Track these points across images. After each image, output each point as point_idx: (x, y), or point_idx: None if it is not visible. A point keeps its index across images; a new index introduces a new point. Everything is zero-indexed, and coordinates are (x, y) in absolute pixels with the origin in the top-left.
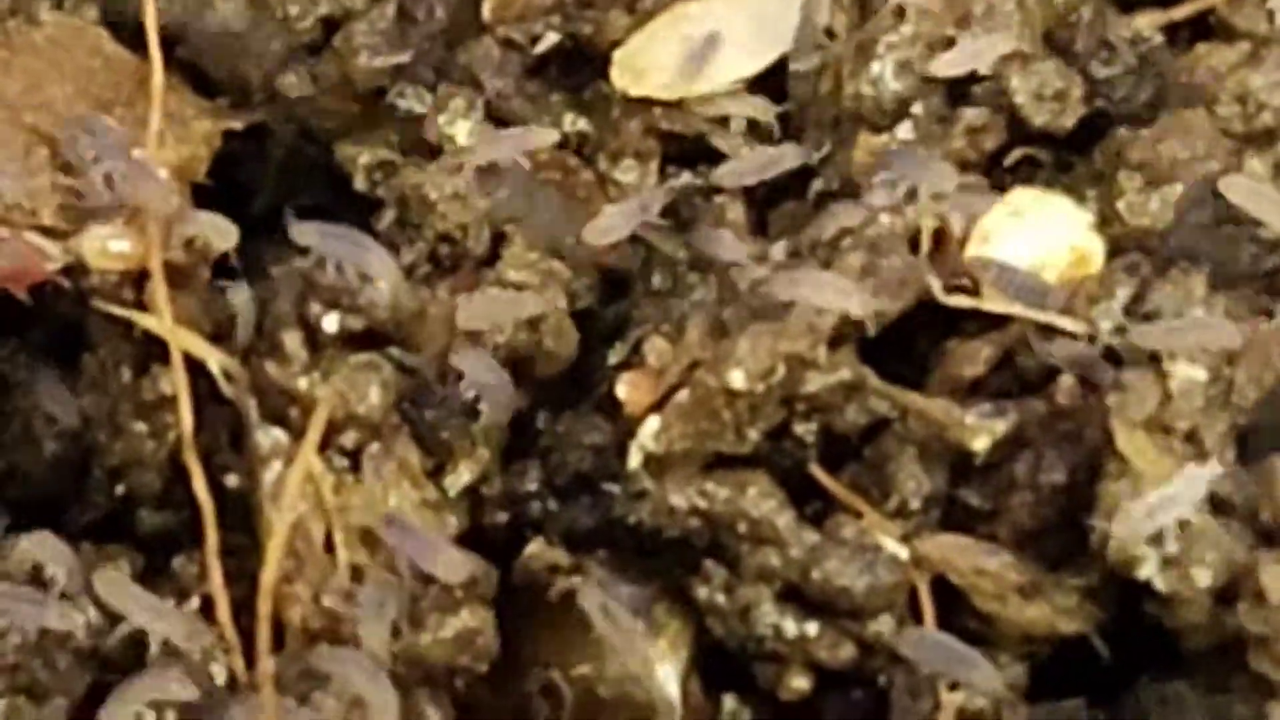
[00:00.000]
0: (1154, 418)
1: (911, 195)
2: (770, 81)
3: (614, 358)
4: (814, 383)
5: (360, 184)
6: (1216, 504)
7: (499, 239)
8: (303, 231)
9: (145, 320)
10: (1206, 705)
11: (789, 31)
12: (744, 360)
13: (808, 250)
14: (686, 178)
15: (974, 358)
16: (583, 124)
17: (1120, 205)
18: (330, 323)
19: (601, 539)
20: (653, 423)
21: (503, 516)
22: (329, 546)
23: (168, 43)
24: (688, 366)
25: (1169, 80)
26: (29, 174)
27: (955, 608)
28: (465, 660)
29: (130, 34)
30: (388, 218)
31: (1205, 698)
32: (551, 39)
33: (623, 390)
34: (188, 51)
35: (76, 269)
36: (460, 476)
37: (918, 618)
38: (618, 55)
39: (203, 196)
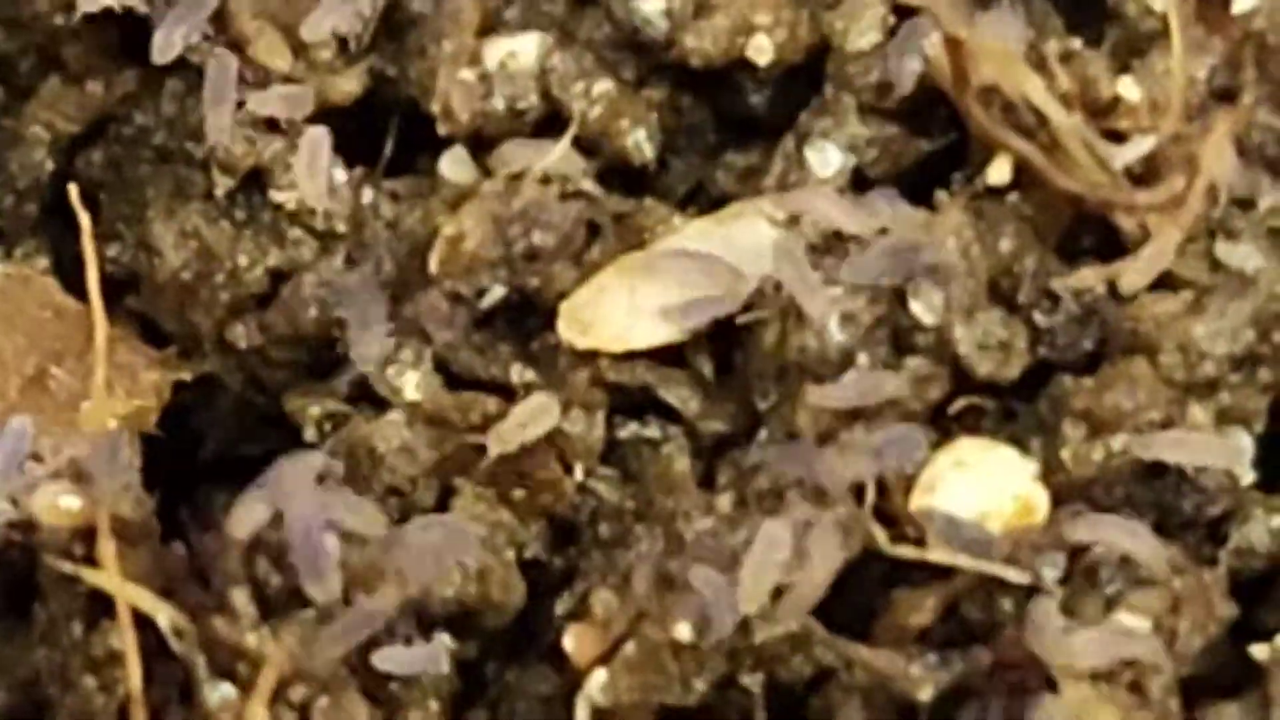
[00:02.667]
0: (1099, 669)
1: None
2: (716, 332)
3: (561, 608)
4: (760, 634)
5: (310, 435)
6: None
7: (448, 490)
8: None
9: (94, 576)
10: None
11: (734, 284)
12: (690, 612)
13: (754, 501)
14: (633, 428)
15: (920, 607)
16: (530, 375)
17: (1064, 454)
18: (279, 579)
19: None
20: (600, 675)
21: None
22: None
23: (118, 292)
24: (634, 618)
25: (1112, 329)
26: None
27: None
28: None
29: (81, 283)
30: (337, 469)
31: None
32: (498, 292)
33: (570, 642)
34: (138, 301)
35: (26, 523)
36: None
37: None
38: (564, 307)
39: (152, 446)
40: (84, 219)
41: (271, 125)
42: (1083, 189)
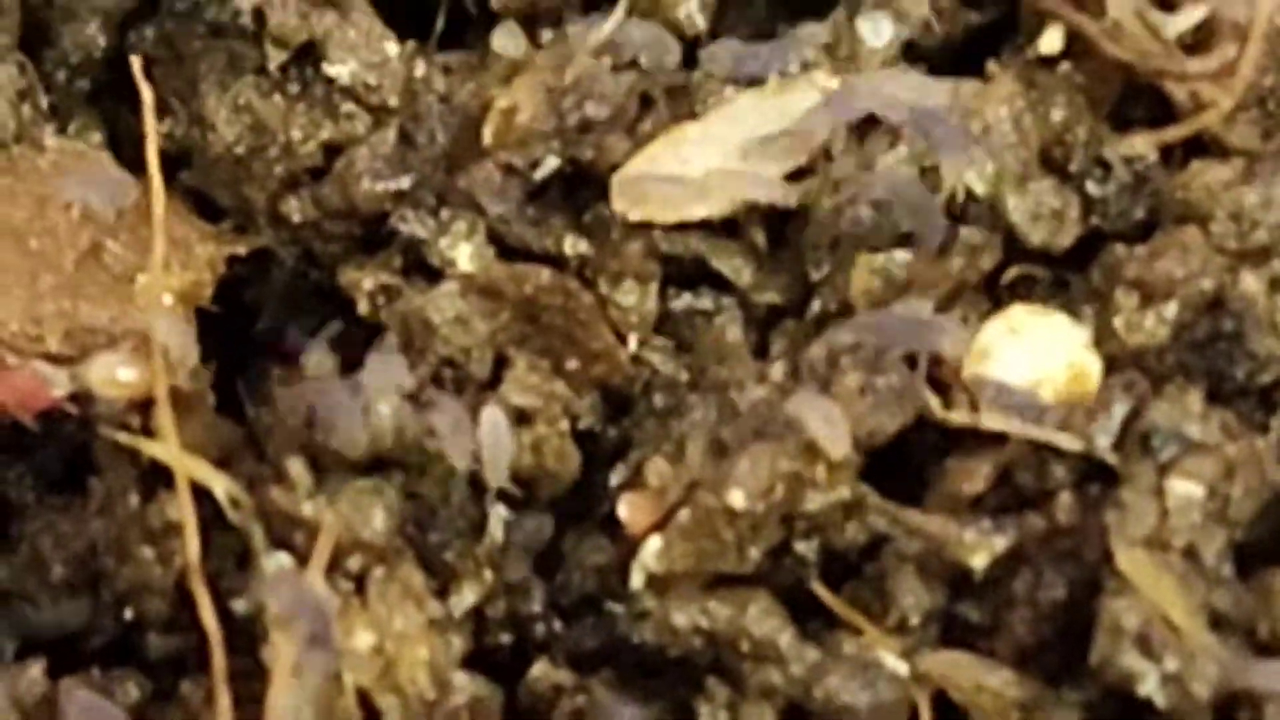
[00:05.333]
0: (1152, 534)
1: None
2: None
3: (616, 478)
4: (814, 501)
5: (363, 308)
6: (1215, 619)
7: (501, 362)
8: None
9: (151, 447)
10: None
11: (786, 155)
12: (744, 480)
13: (807, 371)
14: (687, 299)
15: (973, 475)
16: (584, 247)
17: (1117, 322)
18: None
19: (606, 659)
20: (655, 542)
21: (507, 637)
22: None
23: (172, 167)
24: (688, 486)
25: (1164, 198)
26: (35, 300)
27: None
28: None
29: (135, 158)
30: (391, 341)
31: None
32: (552, 164)
33: (624, 510)
34: (192, 176)
35: (83, 395)
36: (464, 598)
37: None
38: (617, 179)
39: (206, 320)
40: (145, 91)
41: None
42: (1134, 58)
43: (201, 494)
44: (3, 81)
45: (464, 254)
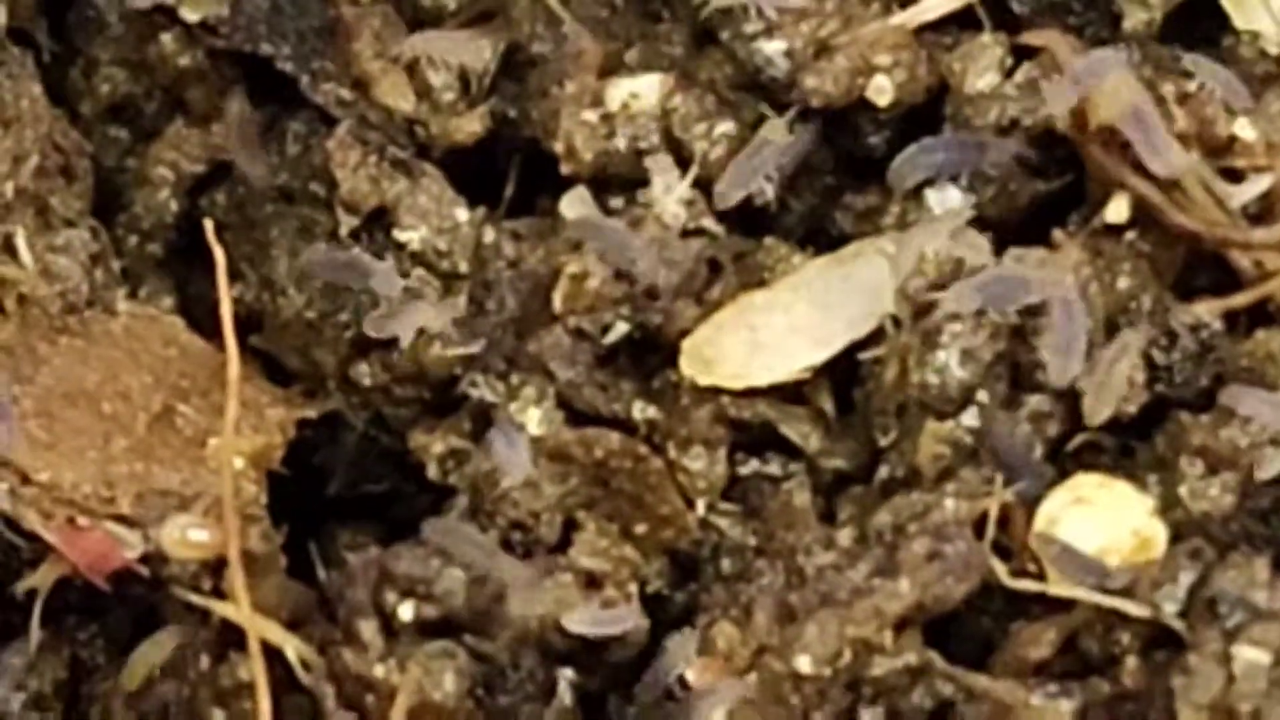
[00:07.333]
0: (1218, 700)
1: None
2: (837, 369)
3: (684, 642)
4: (880, 667)
5: (433, 472)
6: None
7: (570, 525)
8: None
9: (223, 608)
10: None
11: (854, 320)
12: (811, 645)
13: (874, 537)
14: (754, 465)
15: (1039, 640)
16: (652, 412)
17: (1182, 490)
18: (406, 611)
19: None
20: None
21: None
22: None
23: (243, 331)
24: (756, 651)
25: (1229, 366)
26: (108, 463)
27: None
28: None
29: (206, 322)
30: (460, 505)
31: None
32: (621, 329)
33: (693, 675)
34: (262, 340)
35: (155, 557)
36: None
37: None
38: (686, 344)
39: (277, 482)
40: (218, 256)
41: (395, 164)
42: (1200, 227)
43: (273, 655)
44: (76, 246)
45: (533, 418)
